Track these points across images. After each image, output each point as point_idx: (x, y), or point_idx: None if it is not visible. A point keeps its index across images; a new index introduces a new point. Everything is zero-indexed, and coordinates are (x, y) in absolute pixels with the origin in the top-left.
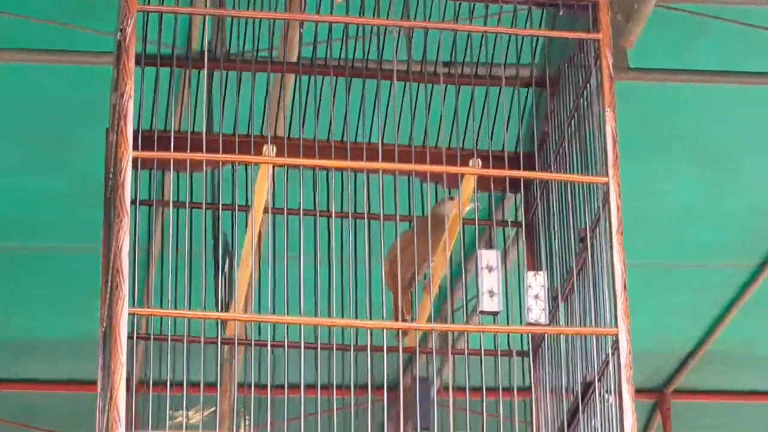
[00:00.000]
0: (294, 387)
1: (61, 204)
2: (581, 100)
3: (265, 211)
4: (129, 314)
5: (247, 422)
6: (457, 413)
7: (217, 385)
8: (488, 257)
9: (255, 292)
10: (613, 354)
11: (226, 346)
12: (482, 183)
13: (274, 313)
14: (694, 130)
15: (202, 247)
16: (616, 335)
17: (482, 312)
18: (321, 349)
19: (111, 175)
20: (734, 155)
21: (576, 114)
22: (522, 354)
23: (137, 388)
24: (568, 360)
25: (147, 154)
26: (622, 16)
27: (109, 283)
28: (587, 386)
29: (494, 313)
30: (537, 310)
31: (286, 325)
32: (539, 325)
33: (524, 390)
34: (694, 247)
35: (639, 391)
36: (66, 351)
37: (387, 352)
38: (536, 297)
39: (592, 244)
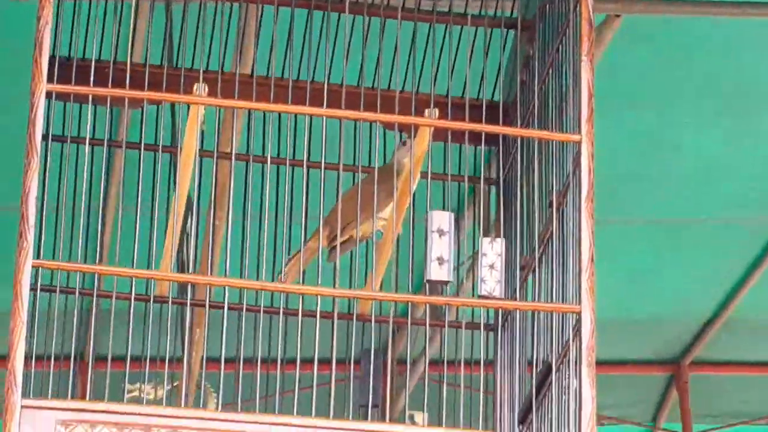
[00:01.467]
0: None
1: None
2: (560, 47)
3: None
4: (33, 267)
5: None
6: (416, 389)
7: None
8: (439, 219)
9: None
10: (575, 335)
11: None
12: (440, 134)
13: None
14: (711, 73)
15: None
16: (579, 313)
17: (429, 281)
18: (264, 313)
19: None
20: (758, 100)
21: (554, 63)
22: (487, 328)
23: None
24: (532, 337)
25: (63, 87)
26: None
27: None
28: (548, 369)
29: (443, 283)
30: (491, 281)
31: (207, 288)
32: (493, 298)
33: (489, 364)
34: (717, 202)
35: (654, 363)
36: None
37: (337, 320)
38: (491, 267)
39: (561, 211)
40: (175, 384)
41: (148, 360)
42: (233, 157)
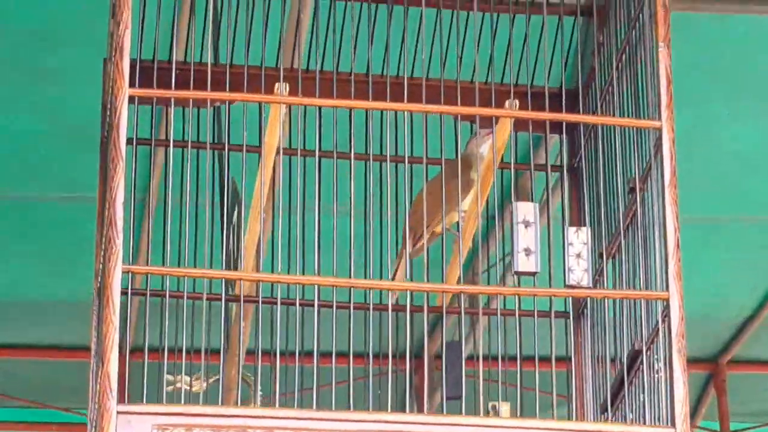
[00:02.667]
0: (308, 354)
1: (41, 146)
2: (633, 33)
3: (277, 153)
4: (123, 272)
5: (256, 393)
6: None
7: (221, 352)
8: (525, 211)
9: (268, 247)
10: (663, 321)
11: (233, 307)
12: (520, 124)
13: (288, 272)
14: (758, 69)
15: (207, 194)
16: (667, 300)
17: (517, 273)
18: (337, 308)
19: (108, 113)
20: None
21: (627, 49)
22: (563, 316)
23: (131, 354)
24: (614, 326)
25: (145, 92)
26: None
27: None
28: (635, 356)
29: (531, 274)
30: (579, 270)
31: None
32: (581, 287)
33: (564, 360)
34: (756, 198)
35: (691, 362)
36: (50, 313)
37: (410, 313)
38: (578, 256)
39: (642, 197)
40: (216, 377)
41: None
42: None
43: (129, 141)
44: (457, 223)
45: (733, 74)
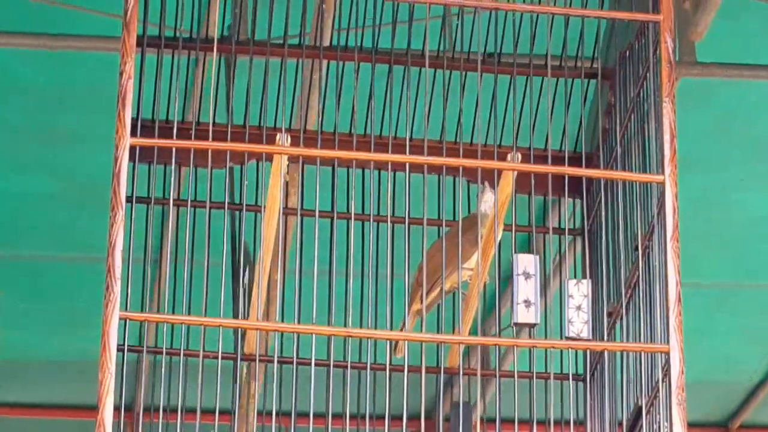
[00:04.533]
0: (319, 416)
1: (49, 206)
2: (641, 92)
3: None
4: (120, 319)
5: None
6: None
7: (234, 412)
8: (525, 262)
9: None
10: (664, 375)
11: (244, 366)
12: (524, 184)
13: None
14: (761, 135)
15: (206, 250)
16: (668, 353)
17: (516, 324)
18: (351, 368)
19: None
20: None
21: (635, 108)
22: (576, 378)
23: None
24: (622, 385)
25: (147, 141)
26: (690, 4)
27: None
28: (638, 412)
29: (530, 326)
30: (578, 323)
31: (314, 338)
32: (580, 339)
33: (577, 424)
34: (764, 264)
35: (701, 426)
36: (61, 372)
37: (425, 373)
38: (578, 308)
39: (647, 254)
40: None
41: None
42: (299, 213)
43: (128, 199)
44: (466, 281)
45: (747, 140)
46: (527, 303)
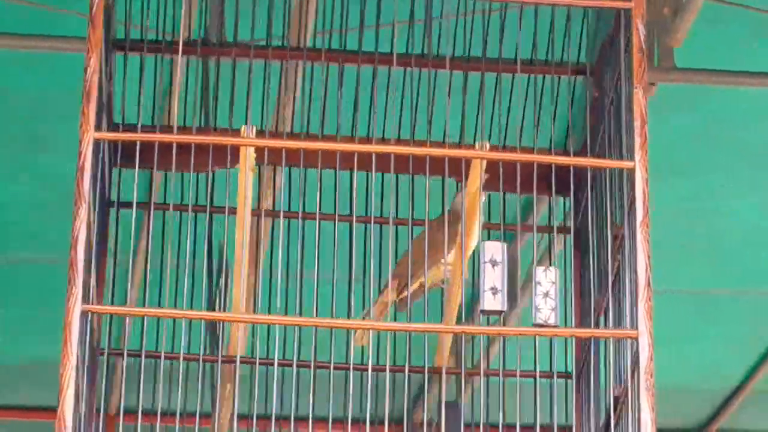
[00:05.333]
0: (301, 419)
1: (34, 211)
2: (618, 84)
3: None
4: (83, 312)
5: None
6: None
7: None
8: (492, 250)
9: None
10: (634, 361)
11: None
12: (523, 185)
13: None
14: (750, 141)
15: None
16: (637, 338)
17: (483, 312)
18: (334, 369)
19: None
20: None
21: (613, 100)
22: (564, 377)
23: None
24: (605, 378)
25: (110, 135)
26: (669, 10)
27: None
28: (616, 402)
29: (497, 313)
30: (546, 309)
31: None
32: (548, 326)
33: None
34: (749, 272)
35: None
36: (42, 376)
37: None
38: (545, 295)
39: (621, 245)
40: None
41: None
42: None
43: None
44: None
45: (728, 146)
46: (494, 290)
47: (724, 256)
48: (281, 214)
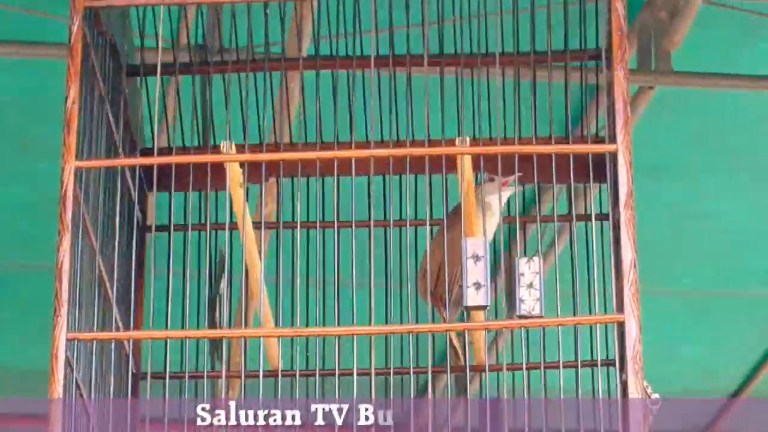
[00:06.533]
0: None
1: (25, 216)
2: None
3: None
4: (68, 339)
5: None
6: None
7: None
8: (475, 246)
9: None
10: (621, 345)
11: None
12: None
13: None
14: (747, 144)
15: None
16: (623, 322)
17: (467, 307)
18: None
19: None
20: None
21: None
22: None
23: None
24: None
25: (90, 163)
26: (666, 13)
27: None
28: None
29: (482, 308)
30: (530, 300)
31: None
32: (533, 317)
33: None
34: (743, 274)
35: None
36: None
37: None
38: (530, 286)
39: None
40: None
41: None
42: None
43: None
44: None
45: (722, 150)
46: (477, 286)
47: (718, 258)
48: (298, 224)
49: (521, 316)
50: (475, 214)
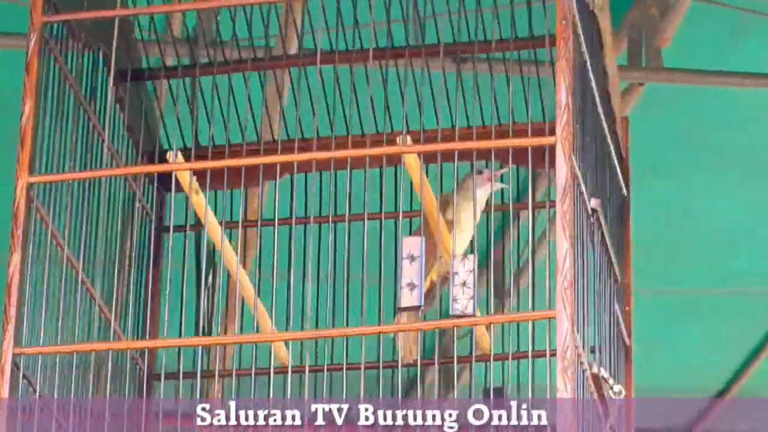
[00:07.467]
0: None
1: None
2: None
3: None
4: (15, 354)
5: None
6: None
7: None
8: (411, 245)
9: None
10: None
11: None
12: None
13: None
14: (735, 141)
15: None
16: (554, 318)
17: (401, 309)
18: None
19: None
20: None
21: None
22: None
23: None
24: None
25: (45, 178)
26: (657, 10)
27: None
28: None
29: (414, 309)
30: (464, 299)
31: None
32: (465, 316)
33: None
34: (731, 272)
35: None
36: None
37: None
38: (463, 284)
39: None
40: None
41: None
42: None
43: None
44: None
45: (713, 148)
46: (411, 286)
47: (707, 257)
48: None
49: (454, 316)
50: (435, 210)
